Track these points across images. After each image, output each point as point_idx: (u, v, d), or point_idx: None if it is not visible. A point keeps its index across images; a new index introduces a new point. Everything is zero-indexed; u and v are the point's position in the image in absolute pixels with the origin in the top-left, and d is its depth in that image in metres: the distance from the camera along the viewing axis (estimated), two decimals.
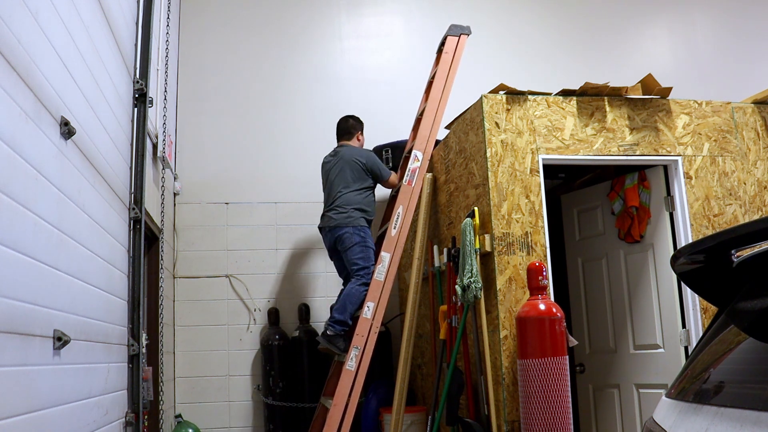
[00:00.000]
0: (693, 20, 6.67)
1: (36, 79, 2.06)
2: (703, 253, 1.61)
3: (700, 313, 3.83)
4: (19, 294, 1.88)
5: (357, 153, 4.64)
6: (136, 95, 3.49)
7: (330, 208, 4.57)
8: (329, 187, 4.66)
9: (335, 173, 4.62)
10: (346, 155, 4.64)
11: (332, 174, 4.64)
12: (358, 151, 4.68)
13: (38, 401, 2.04)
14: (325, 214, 4.62)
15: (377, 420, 4.67)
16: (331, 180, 4.64)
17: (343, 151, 4.69)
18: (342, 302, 4.35)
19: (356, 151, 4.67)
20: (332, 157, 4.74)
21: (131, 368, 3.26)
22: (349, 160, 4.61)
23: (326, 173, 4.73)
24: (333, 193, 4.59)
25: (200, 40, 5.72)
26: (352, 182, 4.56)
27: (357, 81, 5.91)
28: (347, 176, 4.57)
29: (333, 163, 4.68)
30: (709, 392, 1.41)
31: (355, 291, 4.32)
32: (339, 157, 4.67)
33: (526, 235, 3.74)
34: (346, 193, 4.54)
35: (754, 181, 4.09)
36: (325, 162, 4.79)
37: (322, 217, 4.66)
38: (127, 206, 3.34)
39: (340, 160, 4.64)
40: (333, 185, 4.61)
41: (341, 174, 4.59)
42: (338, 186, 4.57)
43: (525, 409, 3.34)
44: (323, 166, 4.80)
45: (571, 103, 3.99)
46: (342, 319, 4.30)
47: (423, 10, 6.20)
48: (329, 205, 4.60)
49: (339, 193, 4.54)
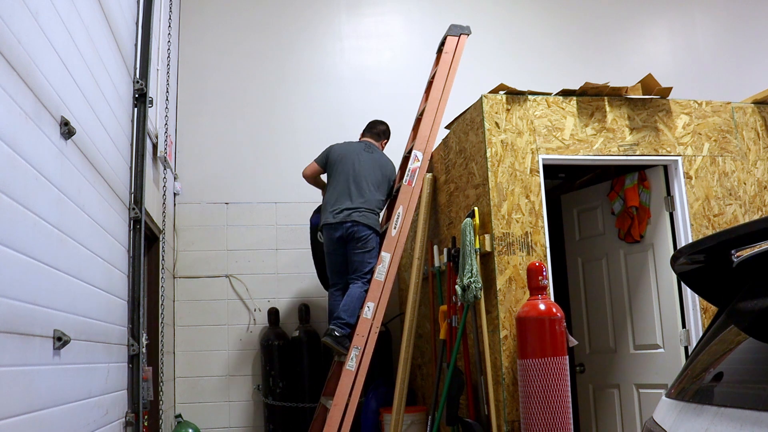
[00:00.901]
0: (693, 20, 6.67)
1: (36, 79, 2.06)
2: (703, 253, 1.61)
3: (700, 313, 3.83)
4: (19, 294, 1.88)
5: (390, 163, 4.65)
6: (136, 95, 3.49)
7: (359, 206, 4.41)
8: (358, 179, 4.48)
9: (368, 169, 4.52)
10: (382, 159, 4.62)
11: (364, 168, 4.51)
12: (389, 161, 4.68)
13: (38, 401, 2.04)
14: (348, 208, 4.41)
15: (377, 420, 4.67)
16: (362, 174, 4.49)
17: (376, 151, 4.66)
18: (350, 304, 4.29)
19: (387, 159, 4.67)
20: (364, 151, 4.61)
21: (131, 368, 3.26)
22: (384, 164, 4.59)
23: (354, 163, 4.54)
24: (363, 188, 4.47)
25: (200, 40, 5.72)
26: (381, 186, 4.53)
27: (357, 81, 5.91)
28: (379, 178, 4.53)
29: (367, 158, 4.56)
30: (709, 392, 1.41)
31: (361, 294, 4.30)
32: (374, 156, 4.60)
33: (526, 235, 3.74)
34: (377, 194, 4.49)
35: (754, 181, 4.09)
36: (352, 150, 4.61)
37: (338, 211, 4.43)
38: (127, 206, 3.34)
39: (376, 159, 4.58)
40: (364, 180, 4.48)
41: (374, 173, 4.52)
42: (370, 184, 4.48)
43: (525, 409, 3.34)
44: (347, 153, 4.60)
45: (571, 103, 3.99)
46: (351, 321, 4.26)
47: (423, 10, 6.20)
48: (357, 200, 4.43)
49: (371, 192, 4.46)
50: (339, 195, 4.48)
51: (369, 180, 4.49)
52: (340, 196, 4.47)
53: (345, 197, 4.45)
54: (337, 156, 4.61)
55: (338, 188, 4.51)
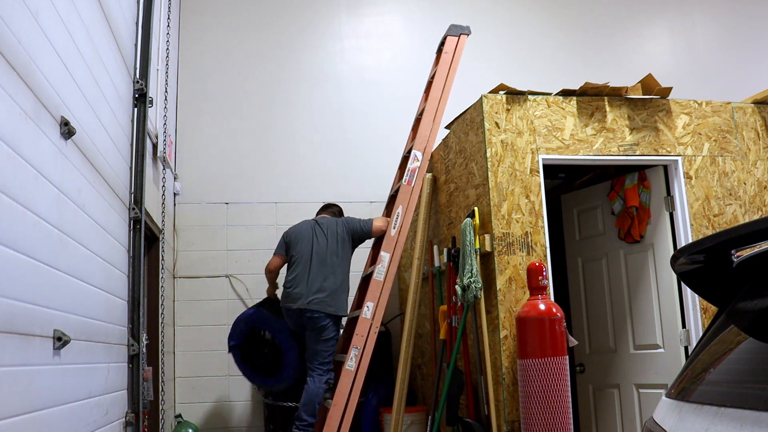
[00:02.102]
0: (693, 20, 6.67)
1: (36, 79, 2.06)
2: (703, 253, 1.61)
3: (700, 313, 3.83)
4: (19, 294, 1.88)
5: (335, 221, 4.47)
6: (136, 95, 3.49)
7: (318, 290, 4.20)
8: (315, 260, 4.28)
9: (324, 243, 4.32)
10: (337, 222, 4.45)
11: (321, 244, 4.32)
12: (334, 219, 4.52)
13: (38, 401, 2.04)
14: (306, 293, 4.20)
15: (377, 420, 4.67)
16: (319, 252, 4.30)
17: (329, 220, 4.49)
18: (309, 403, 4.11)
19: (333, 220, 4.50)
20: (318, 226, 4.42)
21: (131, 368, 3.26)
22: (340, 223, 4.43)
23: (309, 242, 4.35)
24: (322, 268, 4.26)
25: (200, 40, 5.72)
26: (339, 257, 4.31)
27: (357, 81, 5.92)
28: (334, 250, 4.32)
29: (320, 232, 4.38)
30: (709, 392, 1.41)
31: (319, 390, 4.13)
32: (329, 224, 4.42)
33: (526, 235, 3.74)
34: (340, 266, 4.30)
35: (754, 181, 4.09)
36: (305, 230, 4.43)
37: (297, 297, 4.22)
38: (127, 206, 3.34)
39: (331, 227, 4.40)
40: (321, 259, 4.28)
41: (332, 243, 4.33)
42: (324, 262, 4.27)
43: (525, 409, 3.34)
44: (301, 233, 4.42)
45: (571, 103, 3.99)
46: (313, 421, 4.11)
47: (423, 10, 6.20)
48: (316, 284, 4.21)
49: (332, 268, 4.26)
50: (297, 279, 4.29)
51: (329, 253, 4.30)
52: (298, 281, 4.28)
53: (303, 281, 4.26)
54: (292, 238, 4.45)
55: (295, 271, 4.32)
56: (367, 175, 5.68)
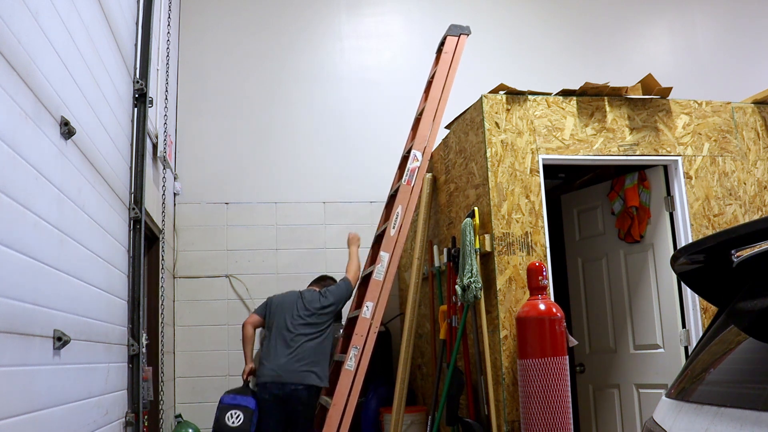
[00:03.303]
0: (693, 20, 6.67)
1: (36, 79, 2.06)
2: (703, 253, 1.61)
3: (700, 313, 3.83)
4: (19, 294, 1.88)
5: (318, 294, 4.39)
6: (136, 95, 3.49)
7: (298, 361, 4.11)
8: (291, 331, 4.21)
9: (304, 315, 4.26)
10: (314, 300, 4.35)
11: (302, 316, 4.26)
12: (317, 293, 4.42)
13: (38, 401, 2.04)
14: (285, 366, 4.10)
15: (377, 420, 4.67)
16: (297, 324, 4.23)
17: (308, 294, 4.42)
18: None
19: (317, 293, 4.41)
20: (302, 298, 4.37)
21: (131, 368, 3.26)
22: (313, 304, 4.33)
23: (290, 312, 4.29)
24: (298, 340, 4.18)
25: (200, 40, 5.72)
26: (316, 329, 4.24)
27: (357, 81, 5.92)
28: (312, 313, 4.28)
29: (300, 305, 4.31)
30: (709, 392, 1.41)
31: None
32: (312, 295, 4.38)
33: (526, 235, 3.74)
34: (316, 337, 4.22)
35: (754, 181, 4.09)
36: (289, 300, 4.37)
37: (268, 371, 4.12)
38: (127, 206, 3.34)
39: (313, 298, 4.35)
40: (297, 330, 4.20)
41: (311, 310, 4.28)
42: (305, 327, 4.21)
43: (525, 409, 3.34)
44: (284, 302, 4.36)
45: (571, 103, 3.99)
46: None
47: (423, 10, 6.20)
48: (294, 355, 4.13)
49: (308, 336, 4.19)
50: (274, 351, 4.18)
51: (306, 323, 4.23)
52: (276, 353, 4.18)
53: (282, 353, 4.16)
54: (275, 307, 4.38)
55: (272, 342, 4.23)
56: (366, 175, 5.68)
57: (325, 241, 5.55)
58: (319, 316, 4.29)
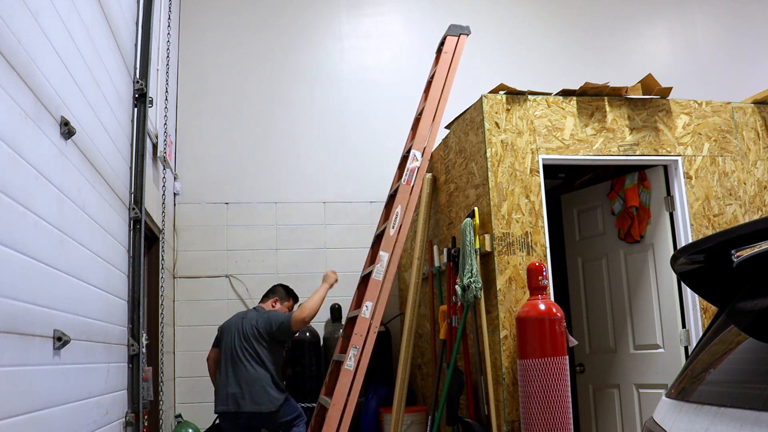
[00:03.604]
0: (693, 20, 6.67)
1: (36, 79, 2.06)
2: (703, 253, 1.61)
3: (700, 313, 3.83)
4: (19, 294, 1.88)
5: (256, 316, 4.14)
6: (136, 95, 3.49)
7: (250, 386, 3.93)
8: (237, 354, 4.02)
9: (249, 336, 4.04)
10: (251, 320, 4.10)
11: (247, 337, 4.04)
12: (257, 314, 4.17)
13: (38, 401, 2.04)
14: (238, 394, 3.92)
15: (377, 420, 4.67)
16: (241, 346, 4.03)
17: (260, 310, 4.21)
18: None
19: (258, 314, 4.15)
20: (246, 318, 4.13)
21: (131, 368, 3.26)
22: (251, 325, 4.07)
23: (225, 336, 4.13)
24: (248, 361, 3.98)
25: (200, 40, 5.72)
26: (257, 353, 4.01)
27: (357, 81, 5.92)
28: (259, 332, 4.04)
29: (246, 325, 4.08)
30: (709, 392, 1.41)
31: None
32: (257, 315, 4.14)
33: (526, 235, 3.74)
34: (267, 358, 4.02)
35: (754, 181, 4.09)
36: (233, 323, 4.16)
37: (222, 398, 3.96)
38: (127, 206, 3.34)
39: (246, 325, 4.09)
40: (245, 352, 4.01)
41: (254, 331, 4.04)
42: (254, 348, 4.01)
43: (525, 409, 3.34)
44: (228, 327, 4.17)
45: (571, 103, 3.99)
46: None
47: (423, 10, 6.20)
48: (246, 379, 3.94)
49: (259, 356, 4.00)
50: (225, 377, 4.02)
51: (248, 346, 4.01)
52: (227, 380, 4.01)
53: (232, 381, 3.98)
54: (224, 333, 4.19)
55: (222, 368, 4.06)
56: (366, 174, 5.68)
57: (325, 241, 5.55)
58: (257, 339, 4.04)
